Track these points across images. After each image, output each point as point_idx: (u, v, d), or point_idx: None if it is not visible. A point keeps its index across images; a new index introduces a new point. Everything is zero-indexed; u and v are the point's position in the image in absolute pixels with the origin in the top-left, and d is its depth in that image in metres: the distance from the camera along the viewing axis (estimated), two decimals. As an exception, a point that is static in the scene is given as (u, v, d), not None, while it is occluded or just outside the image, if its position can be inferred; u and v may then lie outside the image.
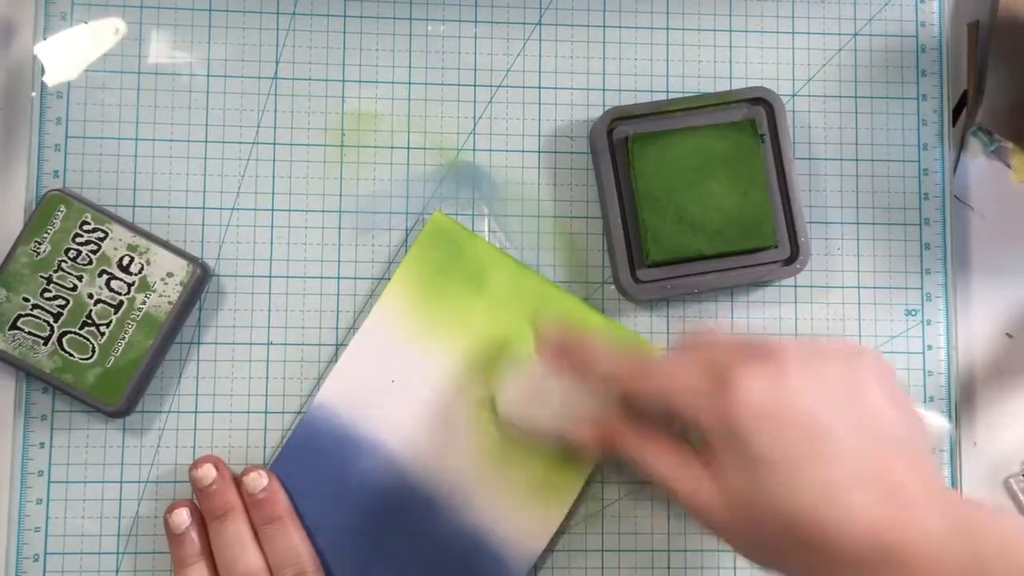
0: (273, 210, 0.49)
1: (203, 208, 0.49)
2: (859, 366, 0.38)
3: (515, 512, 0.47)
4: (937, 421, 0.44)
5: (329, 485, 0.46)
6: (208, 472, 0.45)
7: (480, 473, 0.47)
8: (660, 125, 0.49)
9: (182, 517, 0.45)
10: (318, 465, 0.46)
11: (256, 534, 0.45)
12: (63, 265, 0.46)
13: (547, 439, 0.45)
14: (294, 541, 0.45)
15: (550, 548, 0.48)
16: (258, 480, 0.45)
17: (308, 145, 0.49)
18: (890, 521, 0.34)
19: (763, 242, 0.48)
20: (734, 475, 0.36)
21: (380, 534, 0.46)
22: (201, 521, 0.45)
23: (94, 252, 0.46)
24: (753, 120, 0.49)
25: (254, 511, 0.45)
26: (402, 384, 0.47)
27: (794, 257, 0.49)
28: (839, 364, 0.38)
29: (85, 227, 0.46)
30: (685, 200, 0.48)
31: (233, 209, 0.49)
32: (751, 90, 0.49)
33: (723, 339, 0.40)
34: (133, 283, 0.46)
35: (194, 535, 0.45)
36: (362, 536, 0.46)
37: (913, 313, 0.52)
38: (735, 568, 0.49)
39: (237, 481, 0.46)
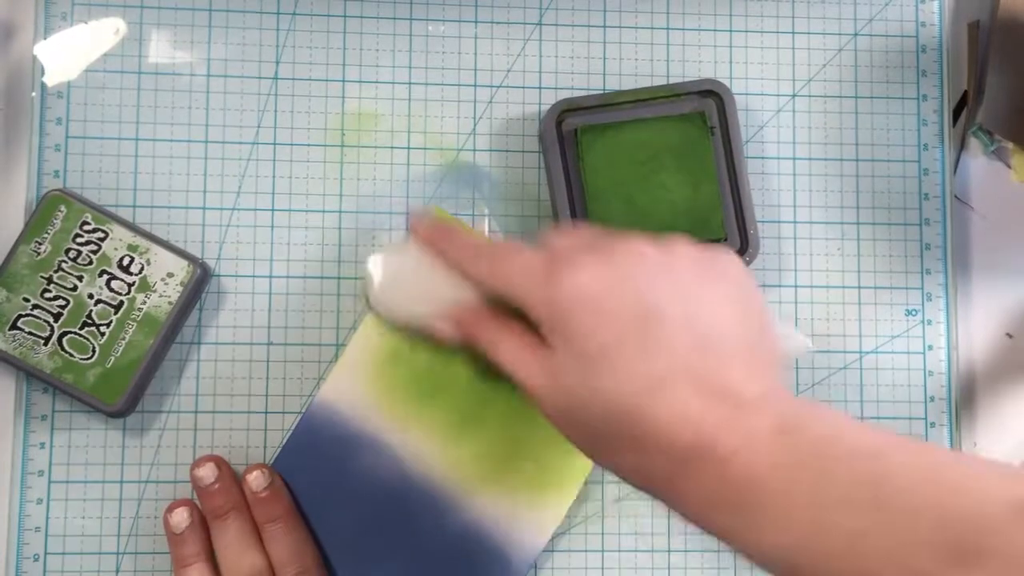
0: (273, 210, 0.49)
1: (203, 208, 0.49)
2: (707, 267, 0.37)
3: (516, 510, 0.47)
4: (800, 339, 0.43)
5: (331, 483, 0.46)
6: (210, 471, 0.45)
7: (481, 471, 0.47)
8: (609, 117, 0.48)
9: (182, 516, 0.45)
10: (320, 463, 0.46)
11: (258, 533, 0.45)
12: (63, 265, 0.46)
13: (412, 326, 0.43)
14: (296, 539, 0.45)
15: (550, 548, 0.48)
16: (260, 478, 0.45)
17: (308, 145, 0.50)
18: (715, 419, 0.33)
19: (712, 234, 0.48)
20: (562, 363, 0.35)
21: (382, 532, 0.46)
22: (201, 521, 0.45)
23: (94, 252, 0.46)
24: (703, 112, 0.49)
25: (256, 510, 0.45)
26: (405, 380, 0.47)
27: (743, 249, 0.49)
28: (684, 261, 0.36)
29: (85, 227, 0.46)
30: (634, 192, 0.48)
31: (233, 209, 0.49)
32: (701, 82, 0.49)
33: (576, 232, 0.39)
34: (133, 283, 0.46)
35: (194, 535, 0.45)
36: (364, 534, 0.46)
37: (913, 313, 0.52)
38: (735, 568, 0.49)
39: (238, 480, 0.46)
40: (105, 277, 0.46)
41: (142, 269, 0.46)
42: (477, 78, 0.51)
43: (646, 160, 0.48)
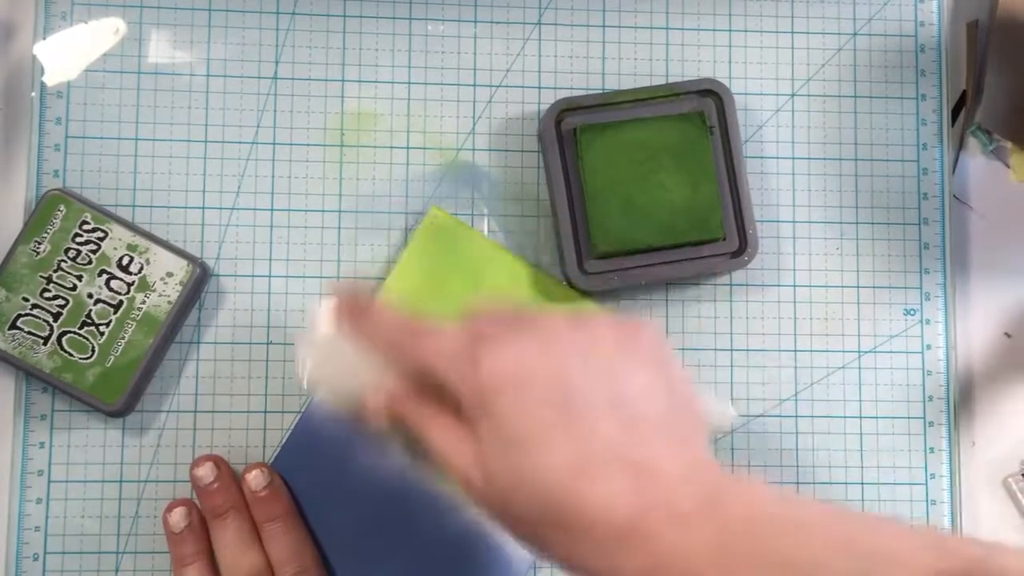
0: (273, 210, 0.49)
1: (203, 208, 0.49)
2: (627, 342, 0.36)
3: None
4: (720, 406, 0.43)
5: (330, 483, 0.46)
6: (209, 471, 0.45)
7: None
8: (609, 117, 0.48)
9: (181, 516, 0.45)
10: (319, 463, 0.47)
11: (257, 532, 0.45)
12: (63, 265, 0.46)
13: (349, 407, 0.42)
14: (296, 539, 0.45)
15: (550, 548, 0.48)
16: (260, 477, 0.45)
17: (308, 145, 0.50)
18: (641, 501, 0.32)
19: (710, 234, 0.48)
20: (488, 448, 0.35)
21: (381, 532, 0.46)
22: (200, 520, 0.45)
23: (94, 252, 0.46)
24: (702, 112, 0.49)
25: (256, 509, 0.45)
26: None
27: (742, 249, 0.49)
28: (604, 338, 0.36)
29: (85, 227, 0.46)
30: (634, 192, 0.48)
31: (233, 209, 0.49)
32: (700, 82, 0.49)
33: (496, 309, 0.38)
34: (133, 283, 0.46)
35: (193, 534, 0.45)
36: (363, 534, 0.46)
37: (912, 313, 0.52)
38: (735, 567, 0.49)
39: (238, 480, 0.46)
40: (104, 277, 0.46)
41: (141, 269, 0.46)
42: (477, 78, 0.51)
43: (645, 160, 0.48)
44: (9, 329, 0.45)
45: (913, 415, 0.51)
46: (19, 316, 0.45)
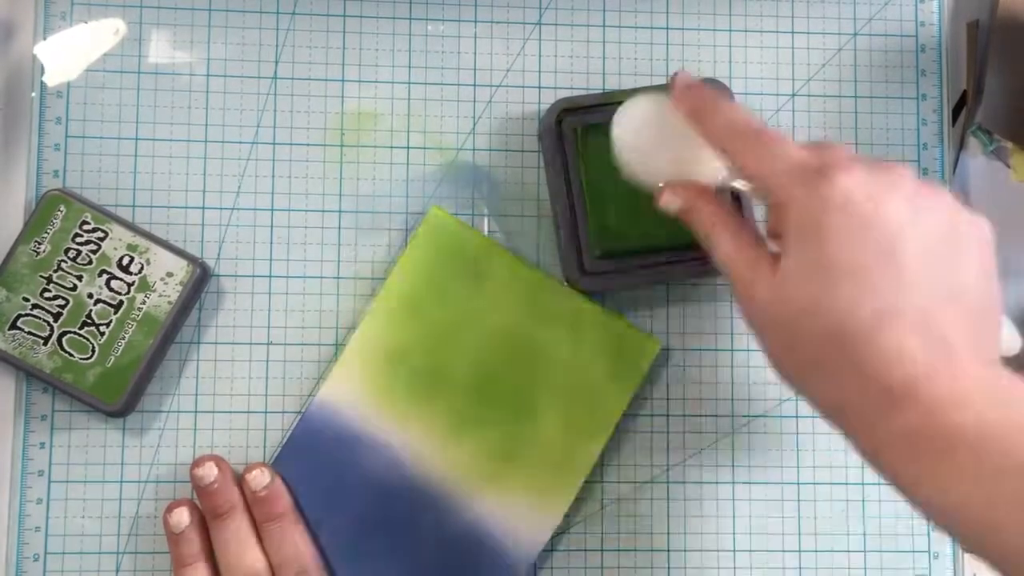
0: (273, 210, 0.49)
1: (203, 208, 0.49)
2: (967, 227, 0.36)
3: (516, 510, 0.47)
4: (1015, 337, 0.43)
5: (331, 483, 0.46)
6: (209, 471, 0.45)
7: (481, 471, 0.47)
8: (609, 116, 0.48)
9: (181, 516, 0.45)
10: (320, 463, 0.47)
11: (258, 533, 0.45)
12: (63, 265, 0.46)
13: (638, 179, 0.43)
14: (296, 539, 0.45)
15: (550, 548, 0.48)
16: (260, 477, 0.45)
17: (308, 145, 0.50)
18: (933, 368, 0.33)
19: None
20: (799, 270, 0.34)
21: (381, 532, 0.46)
22: (201, 520, 0.45)
23: (94, 252, 0.46)
24: None
25: (256, 509, 0.45)
26: (404, 379, 0.47)
27: None
28: (947, 211, 0.36)
29: (85, 227, 0.46)
30: (634, 192, 0.47)
31: (233, 209, 0.49)
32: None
33: (849, 150, 0.38)
34: (133, 283, 0.46)
35: (193, 534, 0.45)
36: (363, 534, 0.46)
37: (913, 313, 0.52)
38: (735, 568, 0.49)
39: (238, 480, 0.46)
40: (105, 277, 0.46)
41: (142, 269, 0.46)
42: (477, 78, 0.51)
43: None
44: (9, 329, 0.45)
45: (914, 415, 0.51)
46: (19, 316, 0.45)
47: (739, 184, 0.41)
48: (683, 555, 0.49)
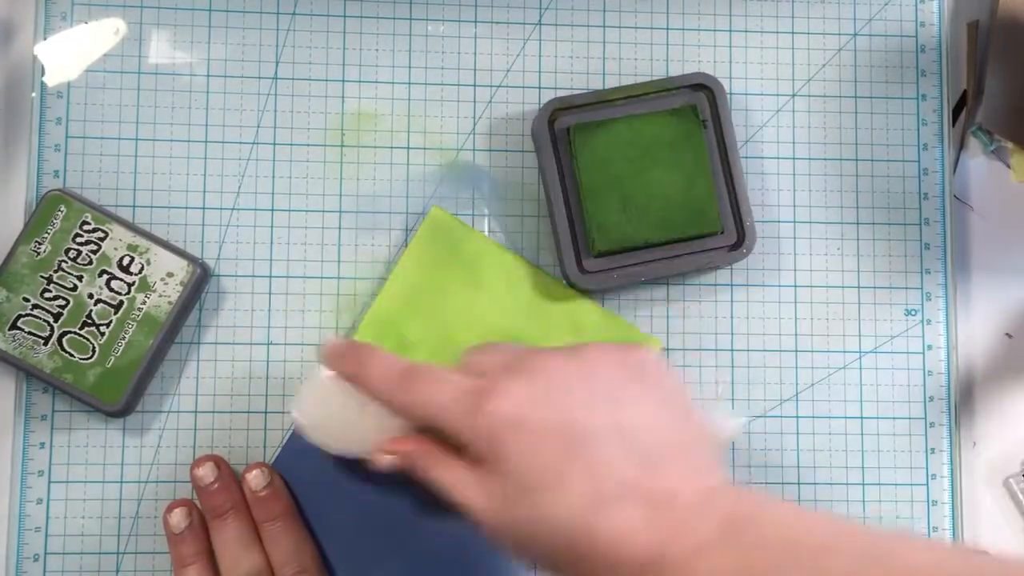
0: (273, 210, 0.49)
1: (203, 208, 0.49)
2: (630, 371, 0.36)
3: None
4: (725, 418, 0.43)
5: (331, 483, 0.46)
6: (209, 471, 0.45)
7: None
8: (601, 115, 0.48)
9: (181, 516, 0.45)
10: (320, 462, 0.46)
11: (258, 532, 0.45)
12: (63, 265, 0.46)
13: (348, 451, 0.42)
14: (296, 539, 0.45)
15: (550, 548, 0.48)
16: (260, 477, 0.45)
17: (308, 145, 0.50)
18: (661, 530, 0.33)
19: (708, 228, 0.48)
20: (501, 494, 0.35)
21: (381, 532, 0.46)
22: (201, 520, 0.45)
23: (94, 252, 0.46)
24: (695, 106, 0.48)
25: (256, 509, 0.45)
26: None
27: (740, 242, 0.49)
28: (605, 370, 0.36)
29: (85, 227, 0.46)
30: (629, 189, 0.48)
31: (233, 209, 0.49)
32: (692, 76, 0.49)
33: (494, 351, 0.39)
34: (133, 283, 0.46)
35: (193, 534, 0.45)
36: (363, 534, 0.46)
37: (913, 313, 0.52)
38: (735, 568, 0.49)
39: (238, 480, 0.46)
40: (105, 277, 0.46)
41: (142, 269, 0.46)
42: (476, 78, 0.51)
43: (639, 156, 0.48)
44: (9, 329, 0.45)
45: (914, 415, 0.51)
46: (19, 316, 0.45)
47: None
48: None
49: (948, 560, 0.30)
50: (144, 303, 0.46)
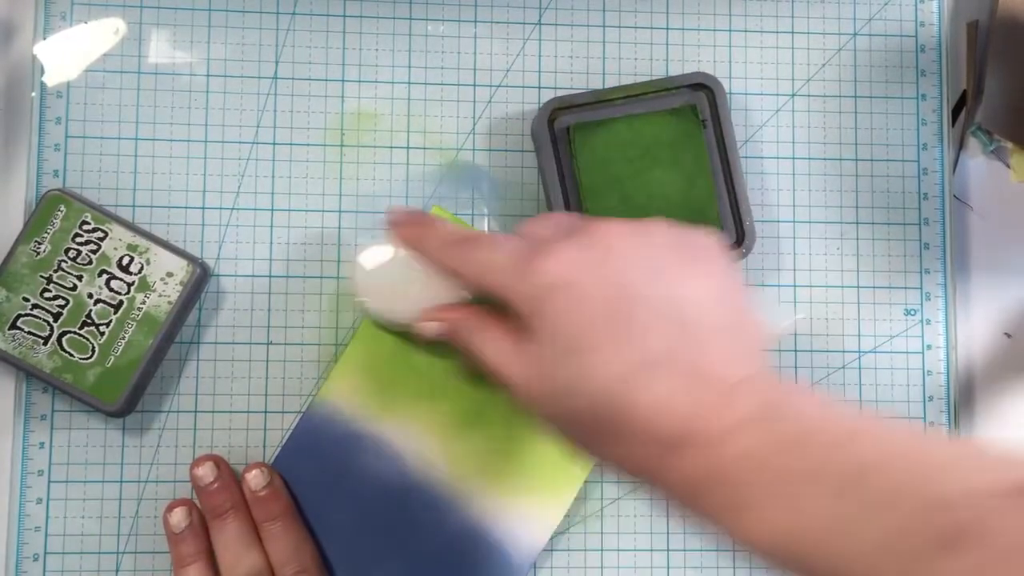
0: (273, 210, 0.49)
1: (203, 208, 0.49)
2: (686, 250, 0.36)
3: (516, 509, 0.47)
4: (779, 312, 0.42)
5: (331, 483, 0.46)
6: (209, 471, 0.45)
7: (481, 470, 0.47)
8: (601, 114, 0.48)
9: (181, 516, 0.45)
10: (320, 462, 0.46)
11: (258, 532, 0.45)
12: (63, 265, 0.46)
13: (398, 325, 0.43)
14: (296, 539, 0.45)
15: (550, 548, 0.48)
16: (260, 477, 0.45)
17: (308, 145, 0.50)
18: (698, 405, 0.33)
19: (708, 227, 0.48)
20: (543, 355, 0.35)
21: (381, 532, 0.46)
22: (201, 520, 0.45)
23: (94, 252, 0.46)
24: (694, 106, 0.49)
25: (256, 508, 0.45)
26: (405, 379, 0.47)
27: (740, 241, 0.49)
28: (663, 245, 0.36)
29: (85, 227, 0.46)
30: (629, 188, 0.48)
31: (233, 209, 0.49)
32: (692, 76, 0.49)
33: (552, 219, 0.39)
34: (133, 283, 0.46)
35: (193, 534, 0.45)
36: (363, 534, 0.46)
37: (912, 313, 0.52)
38: (734, 568, 0.49)
39: (238, 480, 0.46)
40: (105, 277, 0.46)
41: (142, 269, 0.46)
42: (476, 78, 0.51)
43: (639, 156, 0.48)
44: (9, 329, 0.45)
45: (913, 415, 0.51)
46: (19, 316, 0.45)
47: (468, 294, 0.41)
48: (683, 555, 0.49)
49: (981, 474, 0.30)
50: (144, 303, 0.46)
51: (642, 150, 0.48)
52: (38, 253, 0.46)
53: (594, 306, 0.34)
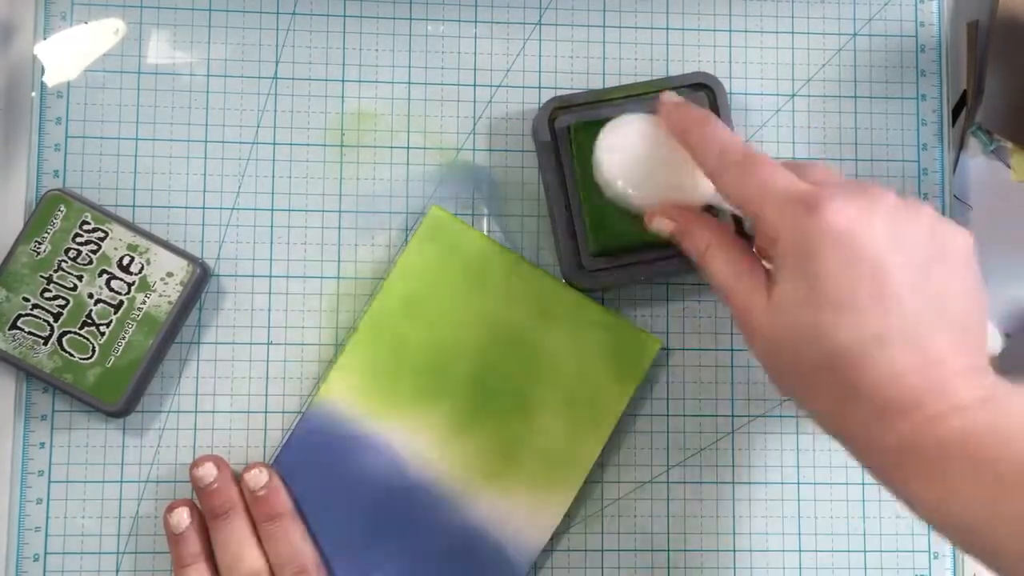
0: (273, 210, 0.49)
1: (203, 208, 0.49)
2: (947, 237, 0.37)
3: (516, 509, 0.47)
4: (997, 338, 0.43)
5: (330, 482, 0.46)
6: (209, 471, 0.45)
7: (481, 470, 0.47)
8: (602, 113, 0.48)
9: (181, 516, 0.45)
10: (320, 462, 0.46)
11: (257, 532, 0.45)
12: (63, 265, 0.46)
13: (624, 200, 0.43)
14: (295, 539, 0.45)
15: (550, 548, 0.48)
16: (259, 477, 0.45)
17: (308, 145, 0.50)
18: (927, 382, 0.34)
19: None
20: (792, 298, 0.36)
21: (381, 532, 0.46)
22: (201, 520, 0.45)
23: (94, 252, 0.46)
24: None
25: (255, 508, 0.45)
26: (404, 379, 0.47)
27: None
28: (928, 226, 0.37)
29: (85, 227, 0.46)
30: None
31: (233, 209, 0.49)
32: (692, 76, 0.49)
33: (825, 170, 0.40)
34: (133, 283, 0.46)
35: (193, 534, 0.45)
36: (363, 534, 0.46)
37: (913, 313, 0.52)
38: (734, 568, 0.49)
39: (238, 480, 0.46)
40: (105, 277, 0.46)
41: (142, 269, 0.46)
42: (477, 78, 0.51)
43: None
44: (9, 329, 0.45)
45: (913, 415, 0.51)
46: (19, 316, 0.45)
47: (727, 207, 0.41)
48: (683, 555, 0.49)
49: None
50: (144, 303, 0.46)
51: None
52: (38, 253, 0.46)
53: (859, 267, 0.35)
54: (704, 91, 0.49)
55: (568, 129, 0.48)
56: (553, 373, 0.48)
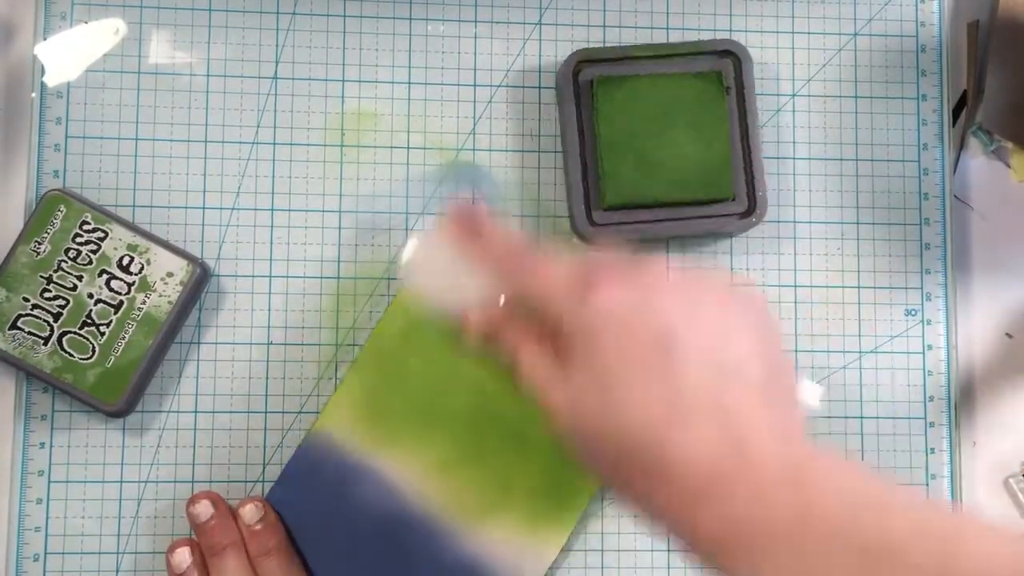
0: (273, 210, 0.49)
1: (203, 208, 0.49)
2: (734, 305, 0.36)
3: (514, 541, 0.46)
4: (809, 387, 0.43)
5: (327, 515, 0.46)
6: (205, 508, 0.45)
7: (479, 502, 0.46)
8: (626, 70, 0.48)
9: (183, 556, 0.45)
10: (316, 494, 0.46)
11: (253, 566, 0.45)
12: (63, 265, 0.46)
13: (437, 311, 0.42)
14: (290, 572, 0.45)
15: (550, 548, 0.48)
16: (254, 512, 0.45)
17: (308, 145, 0.50)
18: (725, 455, 0.33)
19: (720, 193, 0.48)
20: (581, 381, 0.35)
21: (378, 565, 0.46)
22: (201, 559, 0.45)
23: (94, 252, 0.46)
24: (719, 72, 0.49)
25: (251, 543, 0.45)
26: (402, 412, 0.47)
27: (751, 210, 0.49)
28: (713, 298, 0.36)
29: (85, 227, 0.46)
30: (647, 146, 0.48)
31: (233, 209, 0.49)
32: (720, 42, 0.49)
33: (614, 255, 0.39)
34: (133, 283, 0.46)
35: (195, 572, 0.45)
36: (359, 566, 0.46)
37: (913, 313, 0.52)
38: (735, 568, 0.49)
39: (233, 515, 0.46)
40: (105, 277, 0.46)
41: (142, 269, 0.46)
42: (477, 78, 0.51)
43: (660, 115, 0.48)
44: (9, 329, 0.45)
45: (914, 415, 0.51)
46: (19, 316, 0.45)
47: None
48: (683, 555, 0.49)
49: (1002, 555, 0.30)
50: (144, 303, 0.46)
51: (663, 109, 0.48)
52: (38, 253, 0.46)
53: (640, 346, 0.34)
54: (730, 58, 0.49)
55: (592, 83, 0.48)
56: None
